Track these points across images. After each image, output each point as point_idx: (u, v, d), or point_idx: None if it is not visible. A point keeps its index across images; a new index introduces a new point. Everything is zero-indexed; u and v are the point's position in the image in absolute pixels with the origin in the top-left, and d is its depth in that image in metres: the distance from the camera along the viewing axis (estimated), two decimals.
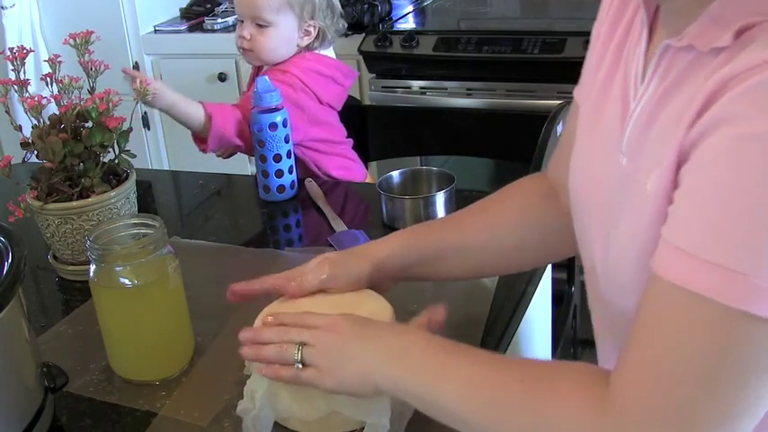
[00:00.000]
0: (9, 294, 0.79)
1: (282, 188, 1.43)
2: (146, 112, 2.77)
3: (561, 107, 1.50)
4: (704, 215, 0.59)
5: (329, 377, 0.78)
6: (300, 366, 0.79)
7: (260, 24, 1.57)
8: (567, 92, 0.96)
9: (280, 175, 1.41)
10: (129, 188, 1.19)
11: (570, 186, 0.86)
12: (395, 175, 1.34)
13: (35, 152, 1.15)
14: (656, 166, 0.65)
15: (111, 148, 1.19)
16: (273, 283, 0.92)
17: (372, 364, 0.77)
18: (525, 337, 1.15)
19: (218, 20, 2.70)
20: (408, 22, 2.54)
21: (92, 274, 0.93)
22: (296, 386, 0.82)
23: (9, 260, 0.81)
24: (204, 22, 2.74)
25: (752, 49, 0.58)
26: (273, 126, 1.38)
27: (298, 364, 0.79)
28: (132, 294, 0.93)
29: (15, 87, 1.16)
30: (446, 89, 2.27)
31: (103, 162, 1.18)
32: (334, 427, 0.84)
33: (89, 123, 1.16)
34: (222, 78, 2.66)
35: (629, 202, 0.70)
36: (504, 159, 1.97)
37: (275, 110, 1.39)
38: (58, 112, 1.16)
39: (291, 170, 1.43)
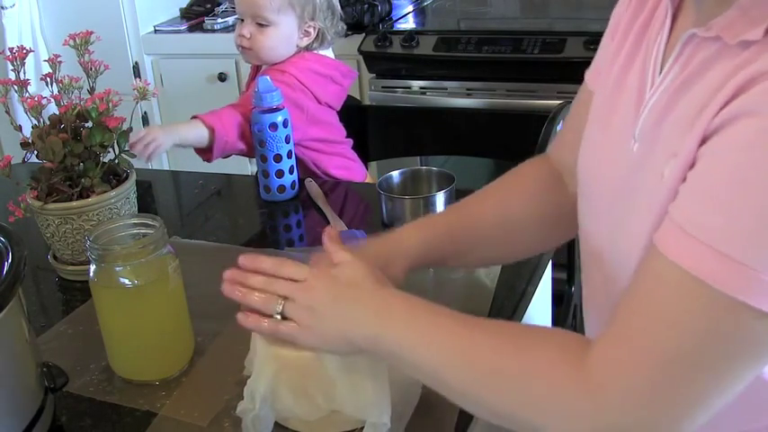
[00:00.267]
0: (9, 294, 0.79)
1: (283, 188, 1.43)
2: (145, 112, 2.77)
3: (561, 107, 1.50)
4: (715, 201, 0.59)
5: (309, 333, 0.78)
6: (279, 318, 0.79)
7: (260, 23, 1.57)
8: (567, 92, 0.96)
9: (280, 175, 1.41)
10: (129, 188, 1.19)
11: (579, 171, 0.86)
12: (395, 175, 1.34)
13: (35, 152, 1.15)
14: (673, 154, 0.65)
15: (111, 148, 1.19)
16: None
17: (353, 324, 0.76)
18: None
19: (218, 20, 2.70)
20: (408, 22, 2.54)
21: (92, 274, 0.93)
22: (297, 385, 0.82)
23: (9, 260, 0.81)
24: (204, 22, 2.74)
25: None
26: (274, 126, 1.38)
27: (277, 315, 0.79)
28: (132, 294, 0.93)
29: (15, 87, 1.16)
30: (446, 89, 2.27)
31: (103, 162, 1.18)
32: (335, 426, 0.84)
33: (89, 123, 1.16)
34: (222, 78, 2.66)
35: (642, 190, 0.70)
36: (504, 159, 1.95)
37: (276, 110, 1.39)
38: (58, 112, 1.16)
39: (292, 170, 1.43)
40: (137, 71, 2.76)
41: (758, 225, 0.57)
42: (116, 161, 1.20)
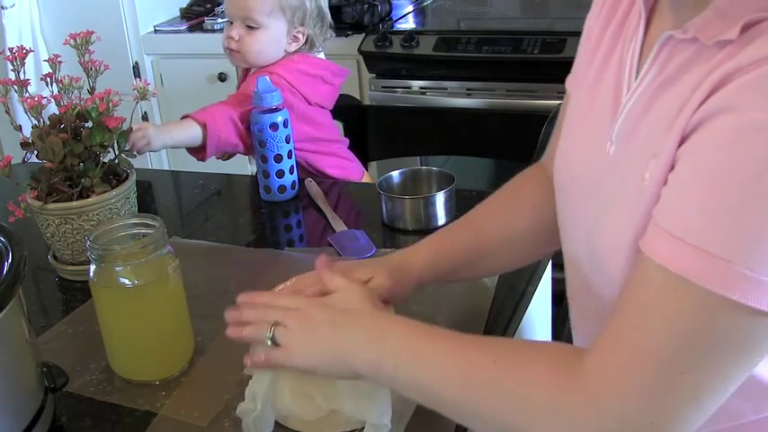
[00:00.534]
0: (9, 294, 0.79)
1: (283, 188, 1.43)
2: (145, 112, 2.77)
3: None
4: (695, 200, 0.59)
5: (296, 355, 0.78)
6: (270, 344, 0.79)
7: (250, 26, 1.56)
8: None
9: (281, 175, 1.41)
10: (129, 188, 1.19)
11: (555, 172, 0.87)
12: (395, 175, 1.34)
13: (35, 152, 1.15)
14: (653, 155, 0.65)
15: (111, 148, 1.19)
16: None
17: (351, 350, 0.77)
18: (525, 337, 1.15)
19: (218, 20, 2.70)
20: (408, 22, 2.54)
21: (92, 274, 0.93)
22: (297, 384, 0.82)
23: (9, 260, 0.81)
24: (204, 22, 2.74)
25: (758, 44, 0.58)
26: (274, 126, 1.38)
27: (268, 340, 0.79)
28: (132, 294, 0.93)
29: (15, 87, 1.16)
30: (446, 89, 2.27)
31: (103, 162, 1.18)
32: (335, 426, 0.84)
33: (89, 123, 1.16)
34: (222, 78, 2.66)
35: (620, 193, 0.70)
36: (504, 159, 1.96)
37: (276, 110, 1.39)
38: (57, 112, 1.16)
39: (292, 170, 1.43)
40: (137, 71, 2.76)
41: (741, 222, 0.57)
42: (116, 161, 1.20)
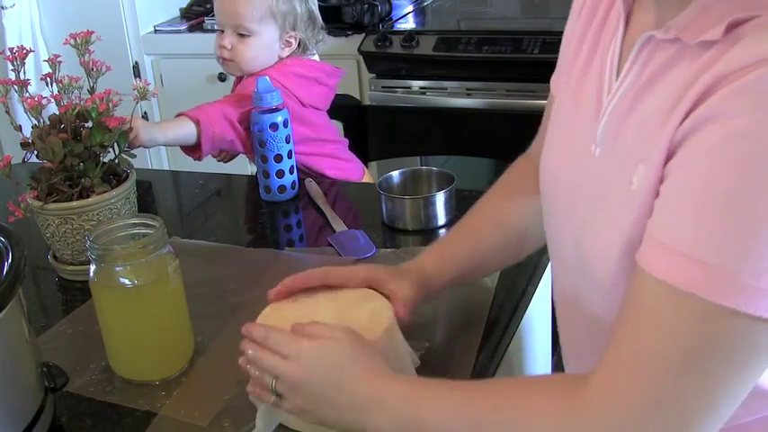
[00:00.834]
0: (9, 294, 0.79)
1: (283, 188, 1.42)
2: (145, 112, 2.77)
3: None
4: (689, 211, 0.59)
5: (309, 415, 0.78)
6: (279, 398, 0.78)
7: (241, 33, 1.55)
8: None
9: (281, 175, 1.41)
10: (129, 188, 1.19)
11: (541, 176, 0.86)
12: (395, 175, 1.34)
13: (35, 152, 1.15)
14: (640, 160, 0.65)
15: (111, 148, 1.19)
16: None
17: (347, 413, 0.75)
18: (525, 337, 1.15)
19: None
20: (408, 22, 2.54)
21: (92, 274, 0.93)
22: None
23: (9, 260, 0.81)
24: (204, 22, 2.74)
25: (743, 47, 0.57)
26: (274, 126, 1.38)
27: (274, 396, 0.78)
28: (132, 294, 0.93)
29: (15, 87, 1.16)
30: (446, 89, 2.27)
31: (103, 162, 1.18)
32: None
33: (89, 123, 1.16)
34: (222, 78, 2.66)
35: (609, 195, 0.69)
36: (504, 159, 1.96)
37: (276, 110, 1.39)
38: (57, 112, 1.16)
39: (292, 170, 1.43)
40: (137, 71, 2.76)
41: (736, 230, 0.56)
42: (116, 161, 1.20)
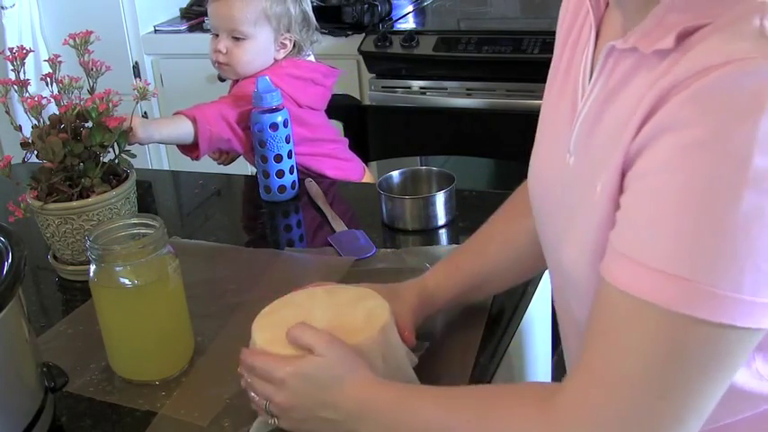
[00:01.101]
0: (9, 294, 0.79)
1: (283, 188, 1.43)
2: (145, 112, 2.77)
3: None
4: (646, 222, 0.60)
5: (307, 428, 0.81)
6: (276, 419, 0.81)
7: (236, 37, 1.55)
8: None
9: (281, 175, 1.41)
10: (129, 188, 1.19)
11: (528, 183, 0.87)
12: (395, 175, 1.34)
13: (35, 152, 1.15)
14: (603, 168, 0.65)
15: (111, 148, 1.19)
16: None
17: (344, 427, 0.78)
18: (525, 336, 1.15)
19: None
20: (408, 22, 2.54)
21: (92, 274, 0.93)
22: None
23: (9, 260, 0.81)
24: (204, 22, 2.73)
25: (692, 56, 0.58)
26: (274, 126, 1.38)
27: (268, 417, 0.81)
28: (132, 294, 0.93)
29: (15, 87, 1.16)
30: (446, 89, 2.27)
31: (103, 162, 1.18)
32: None
33: (89, 123, 1.16)
34: (222, 79, 2.64)
35: (581, 203, 0.70)
36: (504, 159, 1.96)
37: (276, 110, 1.39)
38: (58, 112, 1.16)
39: (292, 170, 1.43)
40: (137, 71, 2.76)
41: (691, 239, 0.57)
42: (116, 161, 1.20)
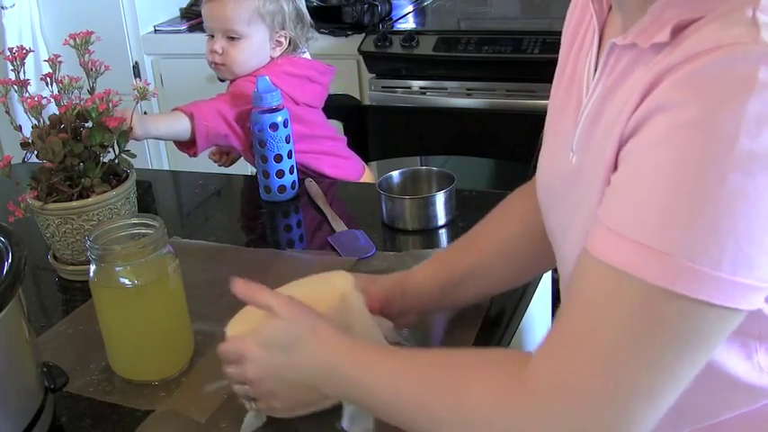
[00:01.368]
0: (9, 294, 0.79)
1: (283, 188, 1.42)
2: (145, 112, 2.77)
3: None
4: (632, 195, 0.60)
5: (279, 411, 0.83)
6: (255, 402, 0.83)
7: (231, 37, 1.55)
8: None
9: (281, 175, 1.41)
10: (129, 188, 1.19)
11: (537, 182, 0.88)
12: (395, 175, 1.34)
13: (35, 152, 1.15)
14: (601, 161, 0.66)
15: (111, 148, 1.19)
16: None
17: (306, 388, 0.80)
18: (525, 336, 1.15)
19: None
20: (408, 22, 2.54)
21: (92, 274, 0.93)
22: None
23: (9, 260, 0.81)
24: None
25: (688, 44, 0.59)
26: (274, 126, 1.38)
27: (251, 402, 0.83)
28: (132, 294, 0.93)
29: (15, 87, 1.16)
30: (446, 89, 2.27)
31: (103, 162, 1.18)
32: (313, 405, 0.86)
33: (89, 123, 1.16)
34: (222, 79, 2.66)
35: (582, 202, 0.71)
36: (504, 159, 1.97)
37: (276, 110, 1.39)
38: (58, 112, 1.16)
39: (292, 170, 1.43)
40: (137, 71, 2.76)
41: (674, 213, 0.57)
42: (116, 161, 1.20)
